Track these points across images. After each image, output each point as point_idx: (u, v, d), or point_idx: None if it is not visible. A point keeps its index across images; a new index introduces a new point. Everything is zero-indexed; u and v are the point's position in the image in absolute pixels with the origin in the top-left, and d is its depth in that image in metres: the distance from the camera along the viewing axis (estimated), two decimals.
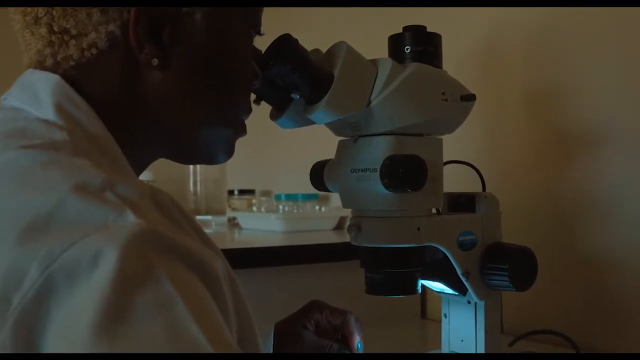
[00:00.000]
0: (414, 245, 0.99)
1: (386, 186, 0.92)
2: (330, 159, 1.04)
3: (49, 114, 0.69)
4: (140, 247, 0.54)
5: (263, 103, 0.96)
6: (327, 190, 1.04)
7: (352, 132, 0.98)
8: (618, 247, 1.36)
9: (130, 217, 0.56)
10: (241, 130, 0.83)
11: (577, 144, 1.41)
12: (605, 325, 1.39)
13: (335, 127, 1.00)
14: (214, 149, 0.82)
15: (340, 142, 1.02)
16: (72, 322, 0.51)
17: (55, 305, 0.52)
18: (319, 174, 1.04)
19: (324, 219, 2.04)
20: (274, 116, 0.98)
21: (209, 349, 0.51)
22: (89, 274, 0.52)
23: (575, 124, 1.42)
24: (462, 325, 1.12)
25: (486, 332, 1.09)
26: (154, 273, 0.54)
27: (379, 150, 0.94)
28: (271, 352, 1.08)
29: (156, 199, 0.61)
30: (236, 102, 0.81)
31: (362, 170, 0.95)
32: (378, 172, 0.92)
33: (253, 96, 0.91)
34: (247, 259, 1.53)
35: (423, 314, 1.76)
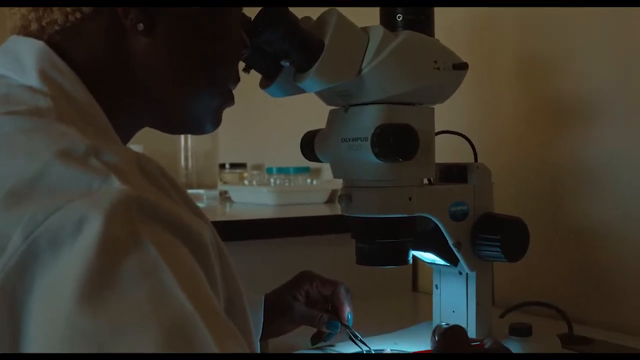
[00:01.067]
0: (405, 215, 0.99)
1: (377, 155, 0.91)
2: (321, 129, 1.03)
3: (33, 80, 0.67)
4: (125, 213, 0.53)
5: (253, 75, 0.95)
6: (317, 160, 1.03)
7: (343, 101, 0.97)
8: (611, 219, 1.36)
9: (116, 183, 0.55)
10: (229, 99, 0.82)
11: (570, 114, 1.40)
12: (597, 297, 1.39)
13: (325, 96, 0.98)
14: (201, 119, 0.81)
15: (331, 111, 1.01)
16: (55, 289, 0.50)
17: (39, 272, 0.51)
18: (309, 144, 1.03)
19: (315, 192, 2.03)
20: (264, 85, 0.97)
21: (195, 315, 0.50)
22: (72, 240, 0.51)
23: (568, 93, 1.41)
24: (453, 296, 1.11)
25: (477, 303, 1.09)
26: (139, 239, 0.53)
27: (369, 119, 0.93)
28: (261, 322, 1.08)
29: (142, 166, 0.60)
30: (224, 70, 0.80)
31: (353, 140, 0.94)
32: (369, 141, 0.91)
33: (242, 65, 0.90)
34: (238, 231, 1.52)
35: (414, 286, 1.76)
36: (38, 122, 0.61)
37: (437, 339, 0.94)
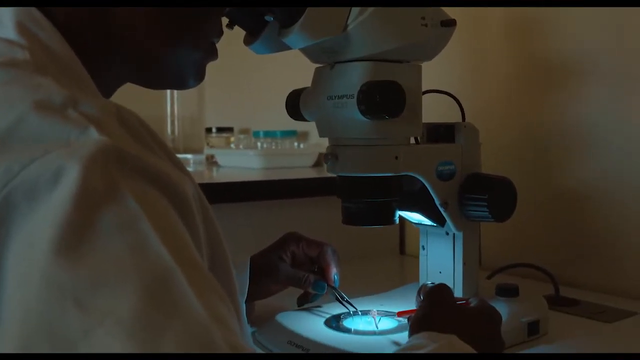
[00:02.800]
0: (392, 174, 0.97)
1: (363, 113, 0.89)
2: (307, 87, 1.01)
3: (10, 33, 0.66)
4: (104, 164, 0.52)
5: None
6: (303, 119, 1.02)
7: (329, 58, 0.95)
8: (599, 180, 1.36)
9: (94, 135, 0.54)
10: (211, 53, 0.80)
11: (560, 75, 1.39)
12: (584, 259, 1.39)
13: (311, 53, 0.97)
14: (183, 73, 0.79)
15: (317, 69, 0.99)
16: (32, 242, 0.49)
17: (14, 225, 0.49)
18: (295, 103, 1.01)
19: (302, 155, 2.02)
20: (248, 41, 0.95)
21: (175, 269, 0.49)
22: (49, 191, 0.50)
23: (557, 53, 1.40)
24: (440, 257, 1.11)
25: (464, 264, 1.08)
26: (118, 191, 0.51)
27: (355, 76, 0.91)
28: (247, 284, 1.07)
29: (122, 118, 0.59)
30: (206, 22, 0.78)
31: (339, 97, 0.93)
32: (355, 99, 0.90)
33: (225, 22, 0.88)
34: (224, 193, 1.52)
35: (402, 249, 1.76)
36: (14, 74, 0.60)
37: (422, 298, 0.94)
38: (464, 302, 0.95)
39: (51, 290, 0.47)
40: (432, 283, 1.07)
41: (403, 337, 0.95)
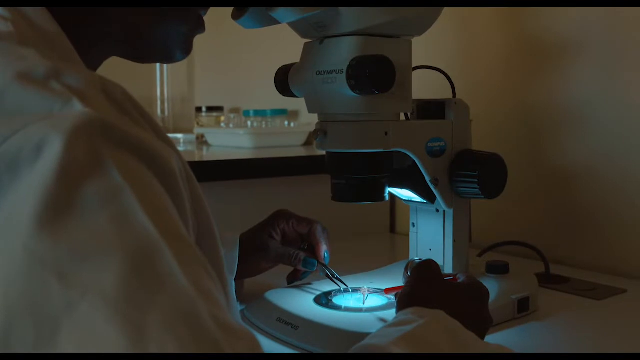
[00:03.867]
0: (382, 150, 0.97)
1: (352, 88, 0.88)
2: (296, 63, 1.00)
3: None
4: (87, 136, 0.51)
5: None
6: (292, 95, 1.01)
7: (318, 32, 0.94)
8: (589, 159, 1.35)
9: (78, 106, 0.53)
10: (199, 26, 0.79)
11: (551, 53, 1.39)
12: (575, 237, 1.39)
13: (300, 28, 0.95)
14: (170, 46, 0.78)
15: (306, 44, 0.98)
16: (13, 216, 0.48)
17: None
18: (283, 79, 1.00)
19: (293, 134, 2.01)
20: (236, 16, 0.94)
21: (160, 241, 0.48)
22: (31, 163, 0.49)
23: (549, 32, 1.39)
24: (430, 234, 1.10)
25: (454, 241, 1.08)
26: (103, 163, 0.50)
27: (345, 51, 0.90)
28: (236, 261, 1.07)
29: (107, 90, 0.58)
30: None
31: (328, 73, 0.92)
32: (344, 74, 0.88)
33: None
34: (214, 171, 1.51)
35: (392, 228, 1.76)
36: None
37: (409, 274, 0.93)
38: (451, 277, 0.94)
39: (33, 264, 0.46)
40: (419, 259, 1.06)
41: (391, 314, 0.94)
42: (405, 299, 0.83)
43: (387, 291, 1.04)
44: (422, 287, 0.85)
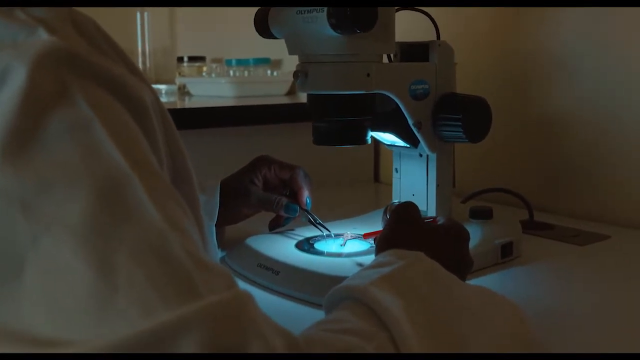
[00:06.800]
0: (363, 92, 0.94)
1: (333, 27, 0.86)
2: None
3: None
4: (53, 65, 0.49)
5: None
6: (272, 36, 0.98)
7: None
8: (574, 105, 1.34)
9: (43, 35, 0.51)
10: None
11: None
12: (560, 185, 1.38)
13: None
14: None
15: None
16: None
17: None
18: (263, 19, 0.97)
19: (275, 83, 1.98)
20: None
21: (130, 174, 0.47)
22: None
23: None
24: (413, 179, 1.09)
25: (437, 185, 1.06)
26: (69, 93, 0.48)
27: None
28: (217, 207, 1.05)
29: (76, 21, 0.56)
30: None
31: (309, 12, 0.89)
32: (325, 12, 0.86)
33: None
34: (197, 119, 1.49)
35: (376, 177, 1.75)
36: None
37: (388, 217, 0.91)
38: (431, 220, 0.93)
39: None
40: (398, 202, 1.05)
41: (370, 258, 0.93)
42: (383, 241, 0.82)
43: (366, 236, 1.03)
44: (401, 230, 0.84)
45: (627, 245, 1.17)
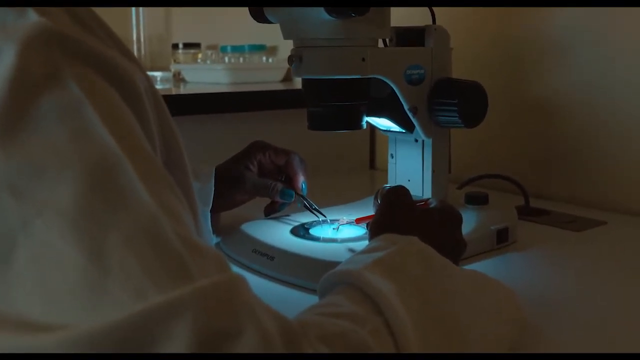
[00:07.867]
0: (359, 76, 0.94)
1: (328, 11, 0.85)
2: None
3: None
4: (43, 47, 0.48)
5: None
6: (267, 21, 0.97)
7: None
8: (571, 90, 1.34)
9: (33, 17, 0.50)
10: None
11: None
12: (556, 171, 1.38)
13: None
14: None
15: None
16: None
17: None
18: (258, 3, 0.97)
19: (271, 69, 1.97)
20: None
21: (122, 157, 0.46)
22: None
23: None
24: (409, 164, 1.08)
25: (433, 171, 1.06)
26: (60, 75, 0.48)
27: None
28: (212, 193, 1.04)
29: (70, 7, 0.55)
30: None
31: None
32: None
33: None
34: (191, 105, 1.48)
35: (372, 164, 1.74)
36: None
37: (379, 201, 0.91)
38: (422, 203, 0.92)
39: None
40: (389, 186, 1.04)
41: (365, 244, 0.93)
42: (375, 226, 0.81)
43: (359, 221, 1.02)
44: (392, 214, 0.83)
45: (623, 231, 1.17)
